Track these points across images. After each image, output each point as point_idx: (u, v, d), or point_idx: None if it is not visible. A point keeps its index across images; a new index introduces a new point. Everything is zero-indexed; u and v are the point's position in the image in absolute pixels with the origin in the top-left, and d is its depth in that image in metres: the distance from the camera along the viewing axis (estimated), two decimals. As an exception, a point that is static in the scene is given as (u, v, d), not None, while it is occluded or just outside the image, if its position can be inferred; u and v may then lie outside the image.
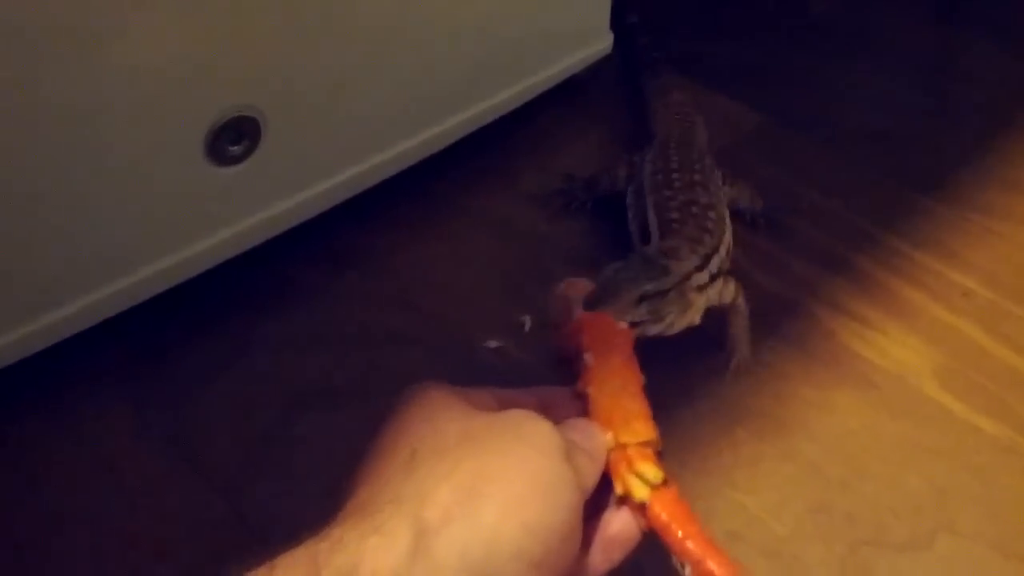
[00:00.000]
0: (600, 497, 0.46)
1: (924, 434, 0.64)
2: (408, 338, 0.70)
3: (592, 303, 0.54)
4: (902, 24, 1.06)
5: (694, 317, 0.63)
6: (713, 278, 0.65)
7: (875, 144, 0.89)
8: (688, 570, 0.45)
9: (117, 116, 0.58)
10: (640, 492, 0.45)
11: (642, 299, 0.57)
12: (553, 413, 0.45)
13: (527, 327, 0.70)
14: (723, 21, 1.03)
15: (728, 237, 0.69)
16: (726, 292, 0.66)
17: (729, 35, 1.03)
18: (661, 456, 0.48)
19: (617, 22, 0.91)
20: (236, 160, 0.65)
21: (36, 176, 0.56)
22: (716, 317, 0.67)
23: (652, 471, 0.46)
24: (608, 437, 0.47)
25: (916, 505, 0.60)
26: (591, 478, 0.45)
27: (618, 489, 0.46)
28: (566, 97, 0.90)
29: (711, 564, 0.44)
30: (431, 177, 0.80)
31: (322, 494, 0.59)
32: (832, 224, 0.79)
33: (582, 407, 0.49)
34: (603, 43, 0.90)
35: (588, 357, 0.50)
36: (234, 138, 0.64)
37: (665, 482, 0.46)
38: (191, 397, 0.66)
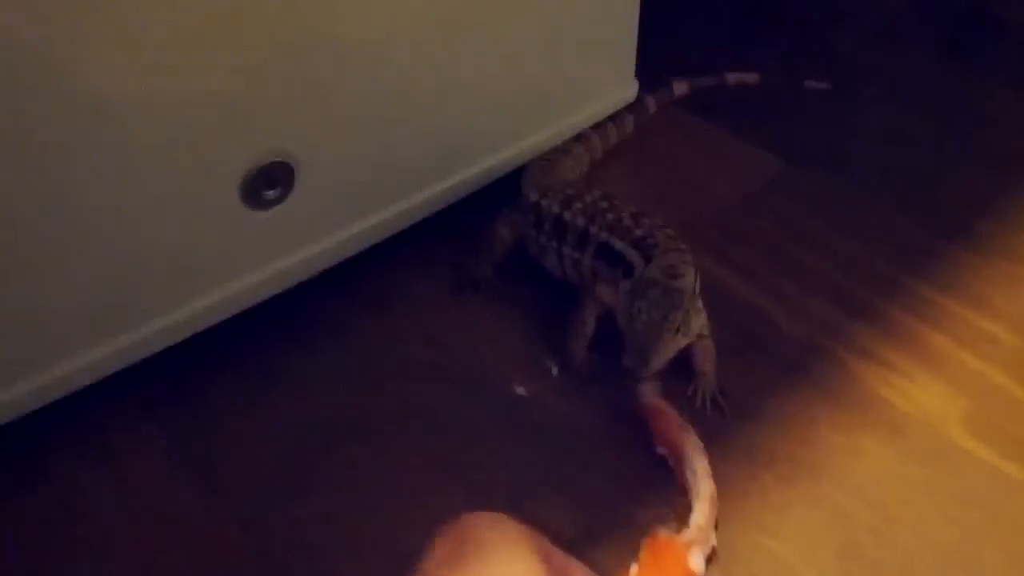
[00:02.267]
0: None
1: (952, 481, 0.63)
2: (436, 375, 0.71)
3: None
4: (923, 66, 1.07)
5: (704, 314, 0.68)
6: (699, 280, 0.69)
7: (899, 187, 0.89)
8: None
9: (156, 161, 0.59)
10: None
11: (677, 330, 0.63)
12: None
13: (554, 372, 0.71)
14: (744, 59, 1.04)
15: None
16: (696, 325, 0.68)
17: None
18: None
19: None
20: (271, 204, 0.66)
21: (78, 218, 0.58)
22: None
23: None
24: None
25: (944, 552, 0.59)
26: None
27: None
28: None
29: None
30: (462, 217, 0.81)
31: (348, 531, 0.60)
32: (858, 268, 0.79)
33: None
34: (628, 91, 0.91)
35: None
36: (269, 183, 0.65)
37: None
38: (223, 429, 0.67)
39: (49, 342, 0.62)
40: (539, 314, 0.76)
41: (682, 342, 0.65)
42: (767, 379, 0.70)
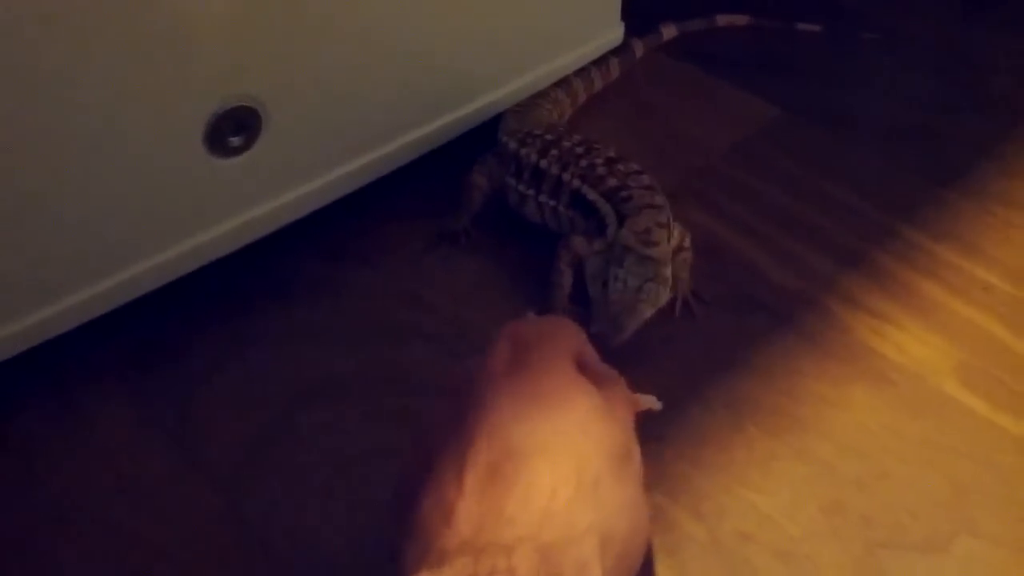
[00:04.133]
0: None
1: (943, 432, 0.62)
2: (410, 333, 0.68)
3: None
4: (927, 18, 1.04)
5: (671, 282, 0.66)
6: (673, 238, 0.68)
7: (895, 137, 0.87)
8: None
9: (116, 105, 0.57)
10: None
11: (652, 301, 0.64)
12: None
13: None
14: (740, 5, 1.01)
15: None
16: (675, 237, 0.69)
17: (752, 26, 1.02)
18: None
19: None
20: (236, 151, 0.64)
21: (33, 168, 0.56)
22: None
23: None
24: None
25: (934, 506, 0.58)
26: None
27: None
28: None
29: None
30: (435, 170, 0.78)
31: (323, 492, 0.58)
32: (850, 218, 0.77)
33: None
34: (614, 33, 0.88)
35: None
36: (234, 129, 0.63)
37: None
38: (191, 393, 0.65)
39: (10, 296, 0.59)
40: (521, 265, 0.73)
41: (652, 311, 0.64)
42: (755, 330, 0.68)
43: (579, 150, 0.72)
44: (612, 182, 0.69)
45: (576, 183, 0.71)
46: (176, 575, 0.55)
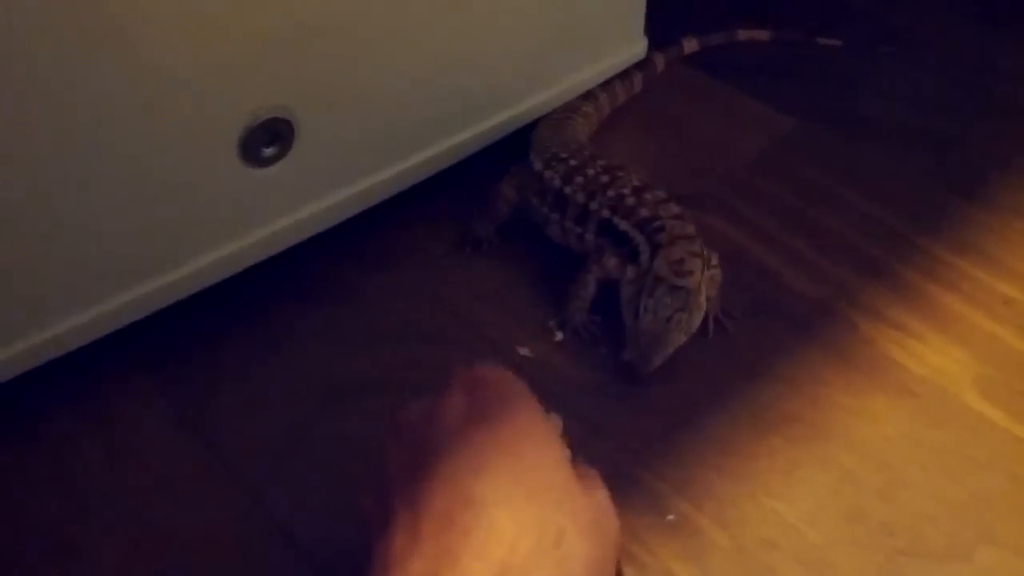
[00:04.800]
0: None
1: (964, 443, 0.62)
2: (440, 336, 0.70)
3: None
4: (943, 22, 1.04)
5: (705, 308, 0.67)
6: (709, 266, 0.69)
7: (916, 146, 0.87)
8: None
9: (153, 117, 0.58)
10: None
11: (683, 330, 0.65)
12: None
13: (559, 337, 0.70)
14: (756, 17, 1.02)
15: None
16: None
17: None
18: None
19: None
20: (270, 161, 0.65)
21: (72, 178, 0.57)
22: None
23: None
24: None
25: (955, 515, 0.58)
26: None
27: None
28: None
29: None
30: (461, 177, 0.79)
31: (348, 489, 0.59)
32: (871, 228, 0.78)
33: None
34: (637, 48, 0.89)
35: None
36: (268, 140, 0.64)
37: None
38: (220, 392, 0.66)
39: (46, 301, 0.61)
40: (544, 275, 0.75)
41: (684, 339, 0.65)
42: (777, 340, 0.69)
43: (604, 178, 0.73)
44: (644, 212, 0.70)
45: (606, 213, 0.71)
46: (203, 567, 0.57)
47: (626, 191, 0.72)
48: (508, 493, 0.41)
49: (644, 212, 0.70)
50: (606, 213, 0.71)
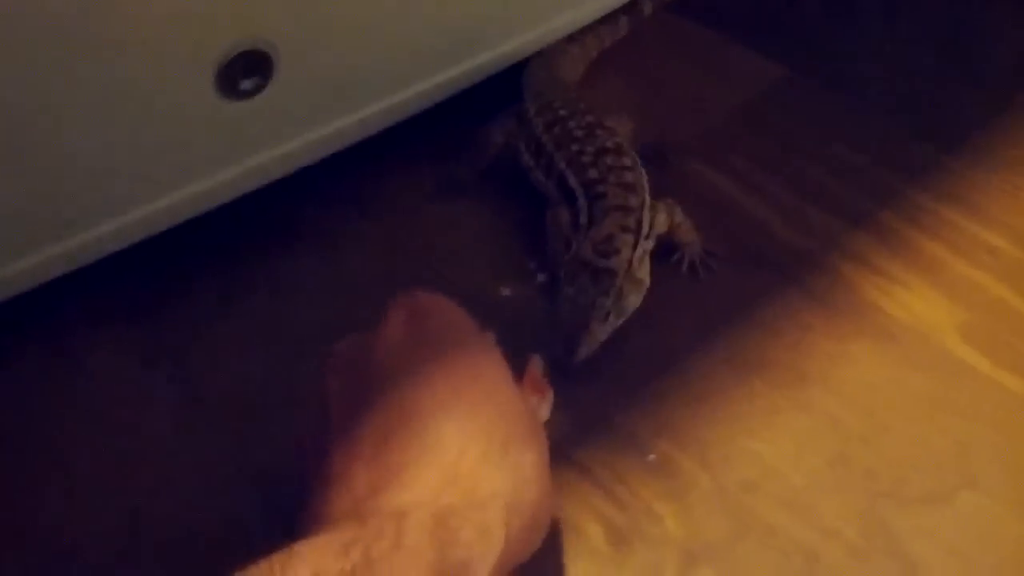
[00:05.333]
0: None
1: (946, 389, 0.62)
2: (426, 280, 0.69)
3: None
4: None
5: (647, 281, 0.64)
6: (647, 237, 0.66)
7: (903, 99, 0.86)
8: None
9: (128, 46, 0.56)
10: None
11: (607, 316, 0.61)
12: None
13: (540, 279, 0.69)
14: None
15: (643, 174, 0.70)
16: (661, 224, 0.68)
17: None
18: None
19: None
20: (247, 95, 0.63)
21: (43, 106, 0.55)
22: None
23: None
24: None
25: (937, 460, 0.58)
26: None
27: None
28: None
29: None
30: (454, 121, 0.78)
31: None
32: (856, 178, 0.77)
33: None
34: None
35: None
36: (246, 72, 0.62)
37: None
38: (196, 334, 0.65)
39: (19, 232, 0.59)
40: (525, 220, 0.73)
41: (615, 324, 0.62)
42: (760, 286, 0.69)
43: (579, 133, 0.71)
44: (593, 174, 0.68)
45: (563, 166, 0.70)
46: (180, 506, 0.56)
47: (589, 148, 0.70)
48: (451, 406, 0.41)
49: (593, 173, 0.68)
50: (562, 166, 0.70)
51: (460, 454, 0.39)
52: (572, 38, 0.84)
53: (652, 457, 0.58)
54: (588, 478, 0.57)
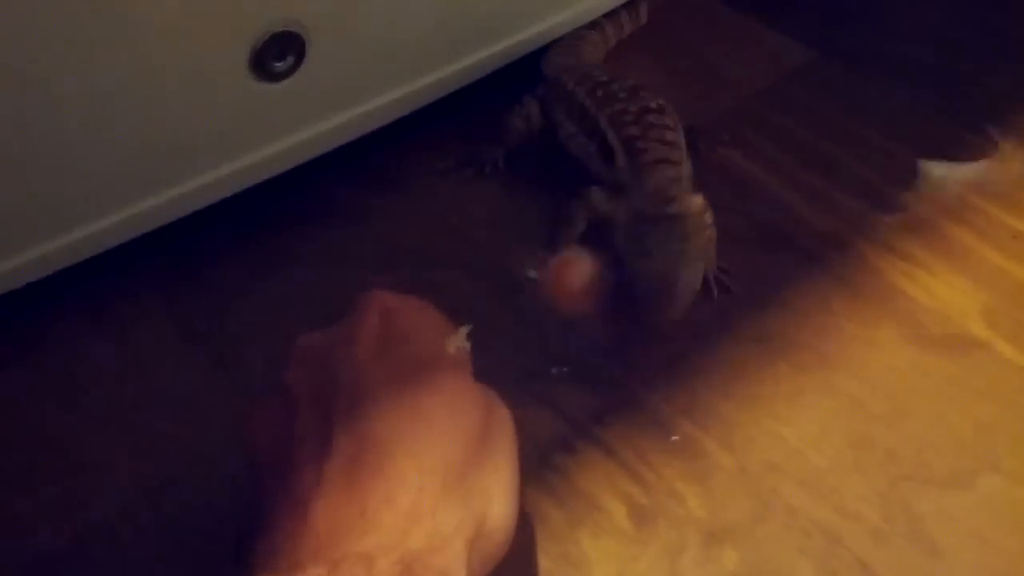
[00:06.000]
0: None
1: (969, 373, 0.63)
2: (450, 261, 0.70)
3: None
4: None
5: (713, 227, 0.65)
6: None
7: (932, 82, 0.86)
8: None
9: (163, 26, 0.57)
10: None
11: (692, 259, 0.61)
12: None
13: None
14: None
15: (683, 137, 0.70)
16: (697, 204, 0.66)
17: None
18: None
19: None
20: (280, 76, 0.64)
21: (80, 87, 0.56)
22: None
23: None
24: None
25: (959, 444, 0.59)
26: None
27: None
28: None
29: None
30: (480, 102, 0.79)
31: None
32: (882, 161, 0.77)
33: None
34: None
35: None
36: (279, 54, 0.63)
37: None
38: (229, 307, 0.67)
39: (55, 212, 0.60)
40: (552, 203, 0.73)
41: (701, 272, 0.63)
42: (786, 269, 0.69)
43: (622, 94, 0.71)
44: (633, 131, 0.68)
45: (603, 124, 0.70)
46: (210, 472, 0.57)
47: (633, 108, 0.69)
48: (409, 438, 0.41)
49: (634, 131, 0.68)
50: (604, 124, 0.69)
51: (420, 492, 0.39)
52: (591, 24, 0.85)
53: (676, 438, 0.59)
54: (612, 458, 0.58)
